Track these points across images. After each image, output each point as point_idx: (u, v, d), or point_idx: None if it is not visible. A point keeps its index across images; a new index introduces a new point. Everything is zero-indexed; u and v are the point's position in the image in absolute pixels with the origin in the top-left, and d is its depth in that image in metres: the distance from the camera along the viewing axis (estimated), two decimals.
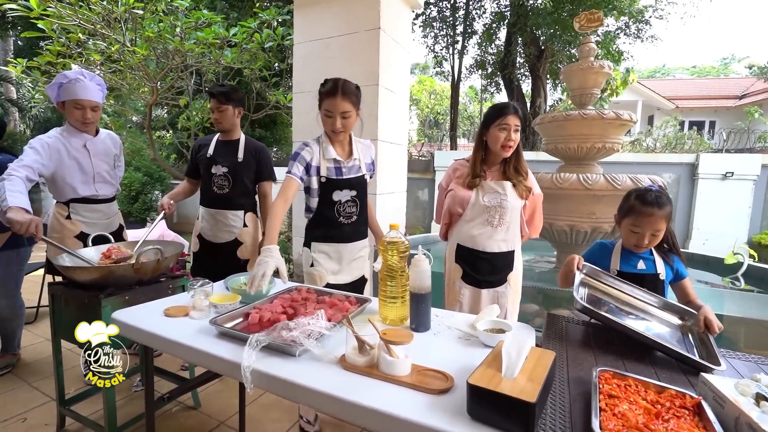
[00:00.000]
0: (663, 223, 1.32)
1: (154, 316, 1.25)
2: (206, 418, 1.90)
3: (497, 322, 1.15)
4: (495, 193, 1.67)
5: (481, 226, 1.68)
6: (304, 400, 0.88)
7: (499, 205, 1.65)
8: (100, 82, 2.05)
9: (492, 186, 1.68)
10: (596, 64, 2.92)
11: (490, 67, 9.78)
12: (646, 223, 1.32)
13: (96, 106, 2.00)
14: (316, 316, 1.03)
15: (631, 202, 1.37)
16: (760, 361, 1.12)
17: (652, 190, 1.36)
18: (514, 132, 1.61)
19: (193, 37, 3.55)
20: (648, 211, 1.32)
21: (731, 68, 25.82)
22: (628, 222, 1.37)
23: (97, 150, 2.09)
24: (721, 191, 6.03)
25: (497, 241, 1.69)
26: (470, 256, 1.71)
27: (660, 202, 1.32)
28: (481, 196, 1.67)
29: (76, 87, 1.92)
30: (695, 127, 12.30)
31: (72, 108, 1.96)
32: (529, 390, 0.71)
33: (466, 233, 1.71)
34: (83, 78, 1.95)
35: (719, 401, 0.82)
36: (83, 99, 1.95)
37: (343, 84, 1.58)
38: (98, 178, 2.10)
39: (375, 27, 2.74)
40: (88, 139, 2.06)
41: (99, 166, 2.09)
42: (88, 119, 1.99)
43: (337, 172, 1.66)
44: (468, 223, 1.71)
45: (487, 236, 1.68)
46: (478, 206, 1.68)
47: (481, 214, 1.68)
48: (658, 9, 7.98)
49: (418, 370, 0.91)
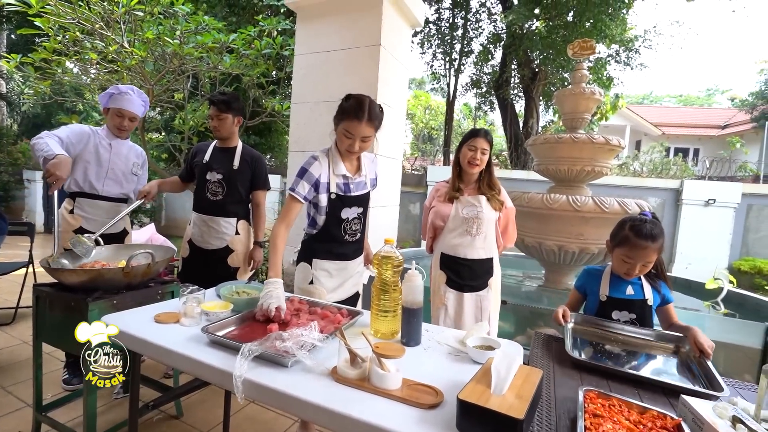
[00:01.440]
0: (655, 255, 1.34)
1: (143, 321, 1.24)
2: (189, 428, 1.86)
3: (487, 339, 1.17)
4: (472, 206, 1.87)
5: (460, 236, 1.87)
6: (295, 411, 0.88)
7: (476, 216, 1.84)
8: (145, 99, 2.31)
9: (469, 200, 1.88)
10: (588, 90, 3.02)
11: (485, 86, 10.00)
12: (639, 256, 1.33)
13: (134, 117, 2.24)
14: (310, 327, 1.04)
15: (626, 233, 1.37)
16: (737, 385, 1.15)
17: (647, 222, 1.36)
18: (480, 153, 1.82)
19: (192, 41, 3.57)
20: (642, 244, 1.32)
21: (714, 99, 26.84)
22: (620, 251, 1.38)
23: (119, 151, 2.26)
24: (704, 217, 6.22)
25: (476, 248, 1.87)
26: (453, 263, 1.90)
27: (654, 235, 1.32)
28: (460, 209, 1.87)
29: (123, 99, 2.18)
30: (680, 153, 12.71)
31: (114, 115, 2.19)
32: (518, 407, 0.73)
33: (448, 243, 1.90)
34: (131, 93, 2.22)
35: (698, 423, 0.85)
36: (125, 110, 2.19)
37: (369, 107, 1.48)
38: (111, 174, 2.22)
39: (376, 43, 2.80)
40: (115, 140, 2.25)
41: (115, 164, 2.23)
42: (125, 127, 2.23)
43: (346, 189, 1.60)
44: (450, 234, 1.90)
45: (466, 245, 1.87)
46: (457, 218, 1.87)
47: (461, 225, 1.87)
48: (646, 39, 8.31)
49: (409, 384, 0.92)
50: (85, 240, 1.83)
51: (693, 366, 1.20)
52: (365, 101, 1.48)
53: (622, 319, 1.41)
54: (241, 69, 3.96)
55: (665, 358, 1.27)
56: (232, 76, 4.20)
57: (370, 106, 1.49)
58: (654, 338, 1.33)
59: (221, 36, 3.55)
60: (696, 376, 1.15)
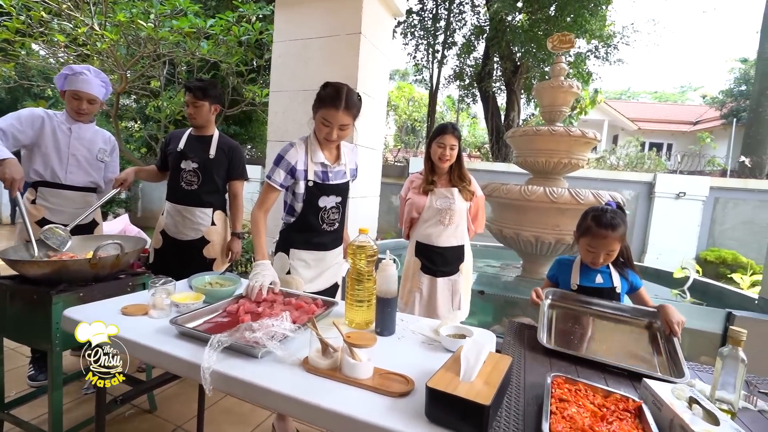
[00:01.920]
0: (616, 244, 1.39)
1: (110, 314, 1.20)
2: (162, 422, 1.82)
3: (460, 327, 1.18)
4: (445, 197, 1.97)
5: (434, 226, 1.98)
6: (265, 402, 0.87)
7: (449, 207, 1.95)
8: (104, 79, 2.16)
9: (442, 192, 1.98)
10: (566, 84, 3.06)
11: (467, 79, 10.03)
12: (601, 245, 1.38)
13: (93, 99, 2.10)
14: (281, 318, 1.02)
15: (588, 223, 1.42)
16: (697, 368, 1.21)
17: (608, 212, 1.41)
18: (449, 149, 1.92)
19: (168, 25, 3.43)
20: (602, 233, 1.37)
21: (687, 96, 27.73)
22: (584, 241, 1.43)
23: (81, 136, 2.12)
24: (675, 210, 6.46)
25: (448, 237, 1.98)
26: (427, 251, 2.00)
27: (614, 224, 1.37)
28: (434, 201, 1.97)
29: (78, 79, 2.04)
30: (655, 148, 13.10)
31: (71, 97, 2.06)
32: (485, 393, 0.74)
33: (423, 232, 2.01)
34: (87, 73, 2.07)
35: (657, 404, 0.88)
36: (82, 91, 2.05)
37: (347, 95, 1.47)
38: (72, 161, 2.10)
39: (356, 31, 2.76)
40: (75, 124, 2.11)
41: (76, 149, 2.11)
42: (83, 110, 2.08)
43: (324, 177, 1.59)
44: (424, 224, 2.00)
45: (439, 234, 1.97)
46: (431, 209, 1.98)
47: (435, 216, 1.97)
48: (625, 36, 8.48)
49: (381, 374, 0.92)
50: (59, 231, 1.74)
51: (662, 342, 1.23)
52: (343, 89, 1.47)
53: None
54: (219, 56, 3.84)
55: (637, 334, 1.30)
56: (210, 63, 4.07)
57: (348, 94, 1.47)
58: (628, 313, 1.38)
59: (198, 21, 3.42)
60: (662, 354, 1.19)
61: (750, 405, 1.00)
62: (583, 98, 9.41)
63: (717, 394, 0.97)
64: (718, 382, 0.97)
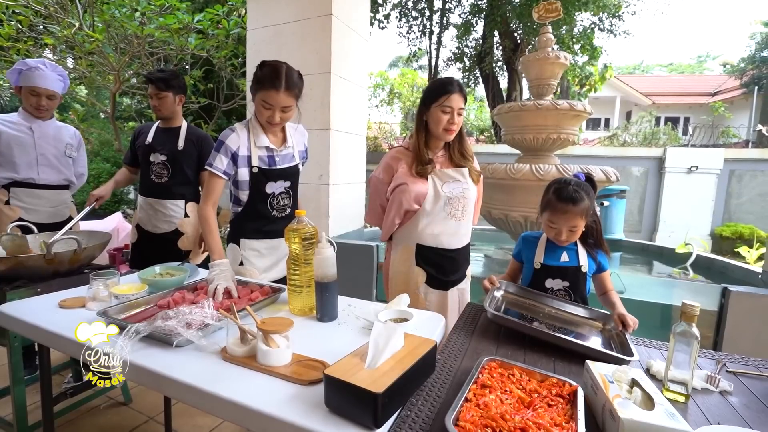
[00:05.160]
0: (579, 219, 1.26)
1: (47, 308, 1.18)
2: (135, 414, 1.83)
3: (403, 311, 1.11)
4: (456, 181, 1.46)
5: (443, 222, 1.47)
6: (168, 391, 0.83)
7: (462, 195, 1.46)
8: (61, 72, 2.09)
9: (450, 174, 1.46)
10: (552, 55, 2.90)
11: (468, 61, 9.75)
12: (562, 220, 1.26)
13: (52, 95, 2.05)
14: (201, 305, 0.98)
15: (549, 196, 1.30)
16: (664, 348, 1.12)
17: (571, 183, 1.28)
18: (457, 115, 1.41)
19: (155, 22, 3.39)
20: (562, 207, 1.25)
21: (706, 66, 26.39)
22: (546, 216, 1.31)
23: (44, 133, 2.09)
24: (687, 185, 6.18)
25: (461, 235, 1.51)
26: (435, 257, 1.49)
27: (575, 198, 1.24)
28: (440, 186, 1.45)
29: (33, 75, 1.98)
30: (670, 123, 12.57)
31: (28, 94, 2.01)
32: (384, 381, 0.68)
33: (428, 231, 1.48)
34: (43, 67, 2.01)
35: (594, 388, 0.80)
36: (39, 87, 2.00)
37: (287, 75, 1.37)
38: (42, 160, 2.08)
39: (327, 13, 2.66)
40: (35, 122, 2.08)
41: (44, 148, 2.08)
42: (42, 106, 2.04)
43: (270, 162, 1.51)
44: (428, 218, 1.46)
45: (451, 232, 1.48)
46: (438, 198, 1.45)
47: (444, 208, 1.46)
48: (630, 5, 8.06)
49: (299, 360, 0.87)
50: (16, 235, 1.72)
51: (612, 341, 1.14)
52: (281, 68, 1.38)
53: (555, 287, 1.35)
54: (207, 50, 3.79)
55: (592, 336, 1.20)
56: (203, 58, 4.02)
57: (288, 73, 1.38)
58: (583, 315, 1.27)
59: (185, 16, 3.38)
60: (613, 348, 1.10)
61: (711, 386, 0.91)
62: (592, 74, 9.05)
63: (671, 374, 0.88)
64: (671, 361, 0.88)
